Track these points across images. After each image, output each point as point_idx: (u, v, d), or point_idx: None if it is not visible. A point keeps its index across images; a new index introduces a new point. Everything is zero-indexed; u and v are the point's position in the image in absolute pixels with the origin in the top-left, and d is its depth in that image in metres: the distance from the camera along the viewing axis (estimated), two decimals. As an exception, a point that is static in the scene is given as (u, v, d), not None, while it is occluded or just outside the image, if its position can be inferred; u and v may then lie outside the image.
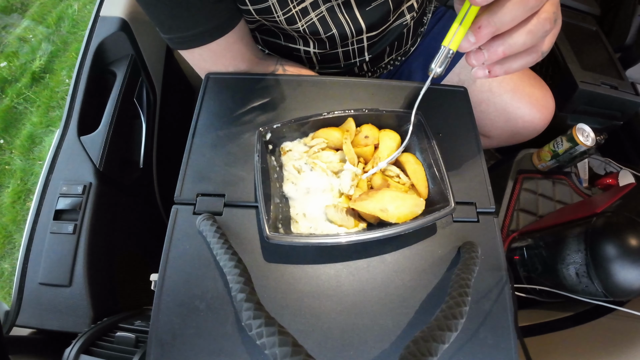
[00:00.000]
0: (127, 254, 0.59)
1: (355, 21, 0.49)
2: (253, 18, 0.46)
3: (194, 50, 0.44)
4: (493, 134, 0.69)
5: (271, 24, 0.49)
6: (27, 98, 1.45)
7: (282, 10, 0.44)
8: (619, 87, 0.78)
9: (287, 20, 0.46)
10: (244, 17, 0.46)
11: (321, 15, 0.47)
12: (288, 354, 0.23)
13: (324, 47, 0.53)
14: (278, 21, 0.46)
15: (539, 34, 0.27)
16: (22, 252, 0.49)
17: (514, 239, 0.67)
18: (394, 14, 0.52)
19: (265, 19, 0.46)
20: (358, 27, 0.50)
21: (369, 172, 0.39)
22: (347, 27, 0.49)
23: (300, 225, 0.37)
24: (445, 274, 0.36)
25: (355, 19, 0.49)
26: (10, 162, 1.32)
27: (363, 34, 0.52)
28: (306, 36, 0.51)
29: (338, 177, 0.40)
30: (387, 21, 0.52)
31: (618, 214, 0.48)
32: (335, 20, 0.48)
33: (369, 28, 0.51)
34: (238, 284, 0.29)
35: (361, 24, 0.50)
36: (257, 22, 0.49)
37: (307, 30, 0.48)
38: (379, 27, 0.52)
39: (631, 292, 0.43)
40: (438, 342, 0.25)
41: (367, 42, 0.54)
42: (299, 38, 0.53)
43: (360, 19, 0.49)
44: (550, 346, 0.47)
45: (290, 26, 0.47)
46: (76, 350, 0.38)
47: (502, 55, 0.27)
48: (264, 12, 0.44)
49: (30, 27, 1.64)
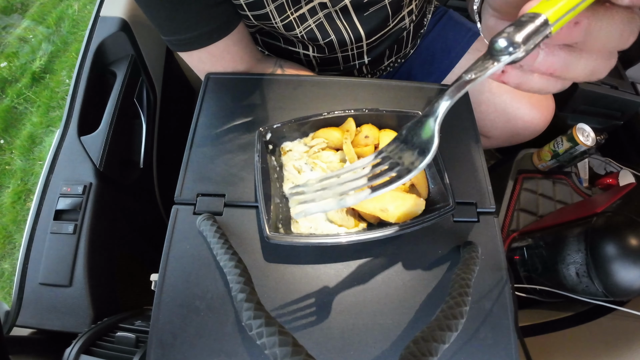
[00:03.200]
0: (127, 254, 0.59)
1: (353, 27, 0.49)
2: (252, 23, 0.46)
3: (192, 52, 0.44)
4: (493, 135, 0.69)
5: (270, 29, 0.49)
6: (27, 98, 1.45)
7: (279, 17, 0.44)
8: (619, 87, 0.78)
9: (285, 27, 0.46)
10: (243, 20, 0.46)
11: (319, 21, 0.47)
12: (288, 354, 0.23)
13: (323, 52, 0.53)
14: (276, 27, 0.46)
15: (597, 74, 0.21)
16: (23, 252, 0.49)
17: (514, 238, 0.67)
18: (393, 19, 0.52)
19: (264, 24, 0.46)
20: (357, 34, 0.50)
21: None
22: (345, 34, 0.50)
23: (300, 225, 0.37)
24: (446, 274, 0.36)
25: (354, 25, 0.49)
26: (10, 162, 1.32)
27: (362, 41, 0.52)
28: (305, 42, 0.51)
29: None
30: (386, 26, 0.52)
31: (618, 214, 0.48)
32: (333, 26, 0.49)
33: (367, 34, 0.51)
34: (238, 284, 0.29)
35: (359, 30, 0.50)
36: (256, 26, 0.49)
37: (306, 36, 0.48)
38: (377, 33, 0.52)
39: (631, 292, 0.43)
40: (438, 342, 0.25)
41: (367, 47, 0.54)
42: (298, 43, 0.53)
43: (359, 25, 0.49)
44: (550, 346, 0.47)
45: (288, 32, 0.47)
46: (76, 351, 0.38)
47: (550, 70, 0.20)
48: (262, 19, 0.44)
49: (30, 27, 1.64)
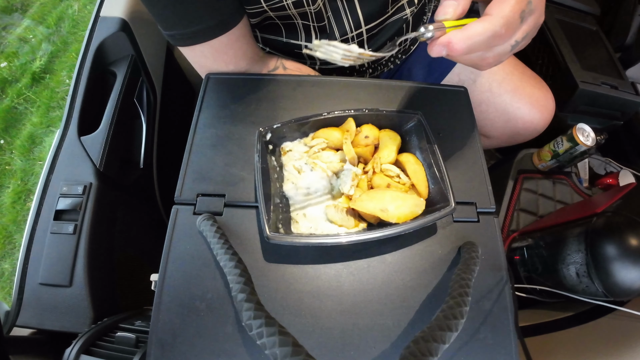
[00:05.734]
0: (127, 254, 0.59)
1: (353, 10, 0.49)
2: (259, 7, 0.45)
3: (195, 47, 0.44)
4: (493, 135, 0.69)
5: (276, 13, 0.48)
6: (27, 98, 1.45)
7: None
8: (619, 87, 0.78)
9: (295, 4, 0.45)
10: (247, 11, 0.46)
11: None
12: (288, 354, 0.23)
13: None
14: (285, 5, 0.45)
15: (499, 58, 0.31)
16: (23, 252, 0.49)
17: (514, 239, 0.67)
18: (392, 6, 0.52)
19: (271, 6, 0.45)
20: (356, 19, 0.50)
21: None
22: (344, 15, 0.49)
23: (300, 225, 0.37)
24: (446, 274, 0.36)
25: (354, 7, 0.49)
26: (10, 163, 1.32)
27: (362, 27, 0.52)
28: (309, 23, 0.50)
29: (338, 177, 0.40)
30: (386, 12, 0.52)
31: (618, 214, 0.48)
32: (332, 5, 0.48)
33: (366, 18, 0.51)
34: (238, 284, 0.29)
35: (358, 12, 0.50)
36: (261, 15, 0.48)
37: (314, 13, 0.48)
38: (377, 19, 0.52)
39: (631, 292, 0.43)
40: (438, 342, 0.25)
41: (367, 35, 0.54)
42: (301, 29, 0.52)
43: (358, 8, 0.49)
44: (550, 346, 0.47)
45: (297, 9, 0.46)
46: (76, 351, 0.38)
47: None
48: None
49: (30, 28, 1.64)
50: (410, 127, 0.41)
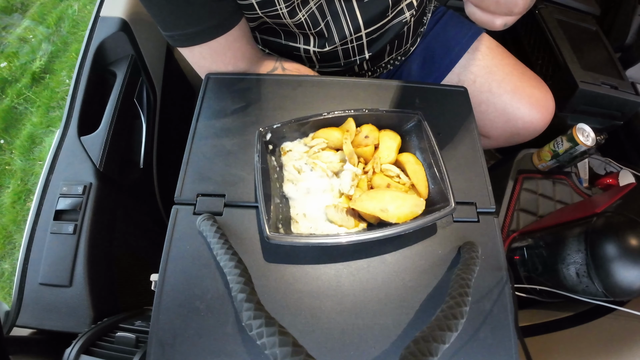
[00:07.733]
0: (127, 254, 0.59)
1: (352, 14, 0.49)
2: (255, 14, 0.46)
3: (194, 48, 0.44)
4: (493, 135, 0.69)
5: (272, 20, 0.48)
6: (27, 98, 1.45)
7: (285, 3, 0.44)
8: (619, 87, 0.78)
9: (290, 13, 0.46)
10: (245, 14, 0.46)
11: (319, 3, 0.47)
12: (288, 354, 0.23)
13: (324, 45, 0.53)
14: (280, 14, 0.45)
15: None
16: (23, 252, 0.48)
17: (514, 239, 0.67)
18: (392, 10, 0.52)
19: (266, 13, 0.46)
20: (356, 24, 0.50)
21: None
22: (343, 19, 0.49)
23: (300, 225, 0.37)
24: (446, 274, 0.36)
25: (353, 12, 0.49)
26: (10, 163, 1.32)
27: (361, 31, 0.52)
28: (306, 31, 0.51)
29: (338, 177, 0.40)
30: (385, 17, 0.52)
31: (618, 214, 0.48)
32: (332, 9, 0.48)
33: (366, 23, 0.51)
34: (238, 284, 0.29)
35: (358, 17, 0.49)
36: (258, 20, 0.48)
37: (308, 19, 0.48)
38: (376, 23, 0.52)
39: (631, 292, 0.43)
40: (438, 342, 0.25)
41: (367, 39, 0.54)
42: (299, 35, 0.52)
43: (358, 12, 0.49)
44: (550, 346, 0.47)
45: (291, 19, 0.47)
46: (76, 351, 0.38)
47: None
48: (266, 6, 0.44)
49: (30, 27, 1.64)
50: (410, 127, 0.41)
